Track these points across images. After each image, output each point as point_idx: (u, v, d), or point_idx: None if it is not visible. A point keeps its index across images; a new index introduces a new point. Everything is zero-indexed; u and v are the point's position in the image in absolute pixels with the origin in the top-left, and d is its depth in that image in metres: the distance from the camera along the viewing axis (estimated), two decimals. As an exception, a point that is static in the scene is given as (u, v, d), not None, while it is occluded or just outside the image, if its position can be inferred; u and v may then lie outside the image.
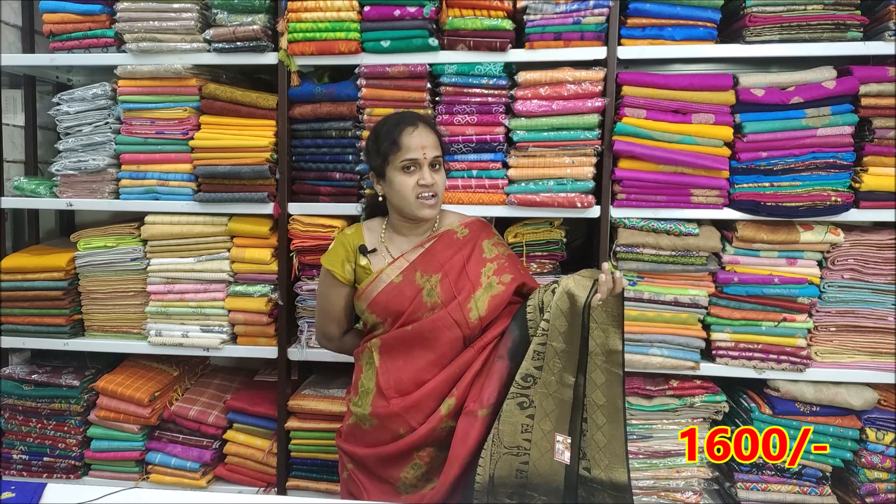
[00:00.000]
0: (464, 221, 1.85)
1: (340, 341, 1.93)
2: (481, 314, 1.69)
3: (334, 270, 1.79)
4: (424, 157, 1.70)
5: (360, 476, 1.77)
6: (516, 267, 1.80)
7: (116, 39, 2.33)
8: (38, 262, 2.39)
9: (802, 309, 2.14)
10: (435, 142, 1.74)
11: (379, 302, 1.74)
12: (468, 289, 1.71)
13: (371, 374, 1.76)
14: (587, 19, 2.10)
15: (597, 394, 1.57)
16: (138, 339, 2.44)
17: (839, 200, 2.07)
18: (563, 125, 2.13)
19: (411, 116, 1.78)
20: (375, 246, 1.80)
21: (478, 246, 1.78)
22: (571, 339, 1.57)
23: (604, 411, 1.57)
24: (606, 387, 1.56)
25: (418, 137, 1.70)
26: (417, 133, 1.71)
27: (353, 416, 1.78)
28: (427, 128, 1.75)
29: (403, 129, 1.71)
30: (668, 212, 2.15)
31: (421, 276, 1.73)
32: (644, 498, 2.24)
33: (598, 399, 1.57)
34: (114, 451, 2.44)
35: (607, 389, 1.56)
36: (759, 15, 2.06)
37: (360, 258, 1.79)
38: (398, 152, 1.70)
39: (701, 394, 2.19)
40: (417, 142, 1.70)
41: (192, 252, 2.35)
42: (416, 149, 1.70)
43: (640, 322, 2.17)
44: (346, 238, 1.83)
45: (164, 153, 2.33)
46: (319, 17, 2.17)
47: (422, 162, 1.70)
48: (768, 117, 2.08)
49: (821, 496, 2.18)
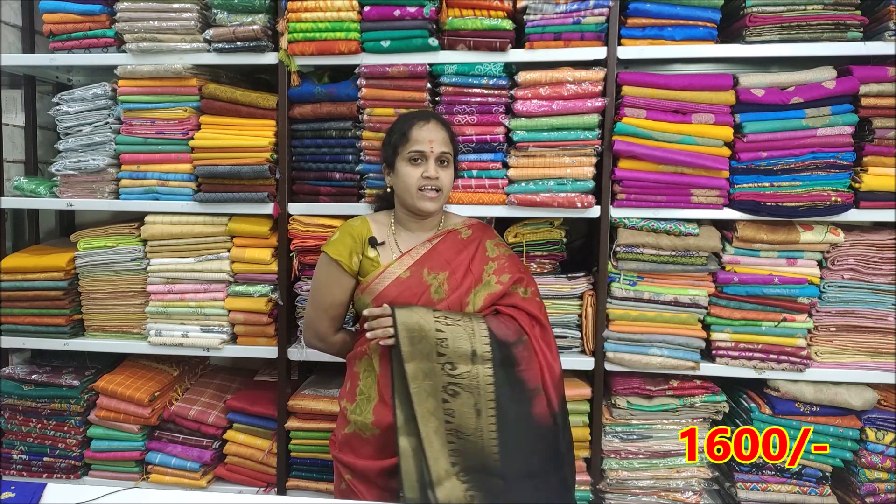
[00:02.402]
0: (467, 223, 1.87)
1: (331, 341, 1.86)
2: (477, 308, 1.72)
3: (341, 260, 1.75)
4: (431, 150, 1.73)
5: (359, 486, 1.72)
6: (516, 266, 1.81)
7: (116, 39, 2.33)
8: (38, 262, 2.39)
9: (802, 309, 2.14)
10: (445, 138, 1.77)
11: (387, 296, 1.72)
12: (470, 283, 1.74)
13: (372, 382, 1.72)
14: (587, 19, 2.10)
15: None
16: (138, 339, 2.44)
17: (839, 200, 2.07)
18: (563, 125, 2.13)
19: (426, 112, 1.84)
20: (384, 238, 1.80)
21: (482, 245, 1.81)
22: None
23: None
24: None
25: (427, 131, 1.75)
26: (427, 127, 1.75)
27: (352, 425, 1.73)
28: (439, 124, 1.79)
29: (415, 123, 1.76)
30: (668, 212, 2.15)
31: (428, 273, 1.74)
32: (644, 498, 2.24)
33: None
34: (114, 451, 2.44)
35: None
36: (759, 15, 2.06)
37: (368, 250, 1.78)
38: (406, 143, 1.74)
39: (701, 394, 2.20)
40: (426, 135, 1.74)
41: (192, 252, 2.35)
42: (424, 142, 1.73)
43: (640, 322, 2.17)
44: (353, 229, 1.80)
45: (164, 153, 2.33)
46: (319, 17, 2.17)
47: (428, 155, 1.73)
48: (768, 117, 2.08)
49: (821, 496, 2.18)
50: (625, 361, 2.19)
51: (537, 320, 1.75)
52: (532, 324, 1.74)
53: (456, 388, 1.61)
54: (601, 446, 2.23)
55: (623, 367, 2.20)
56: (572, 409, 2.23)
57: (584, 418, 2.25)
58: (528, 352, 1.69)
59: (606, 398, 2.27)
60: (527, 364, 1.68)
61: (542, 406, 1.67)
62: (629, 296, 2.18)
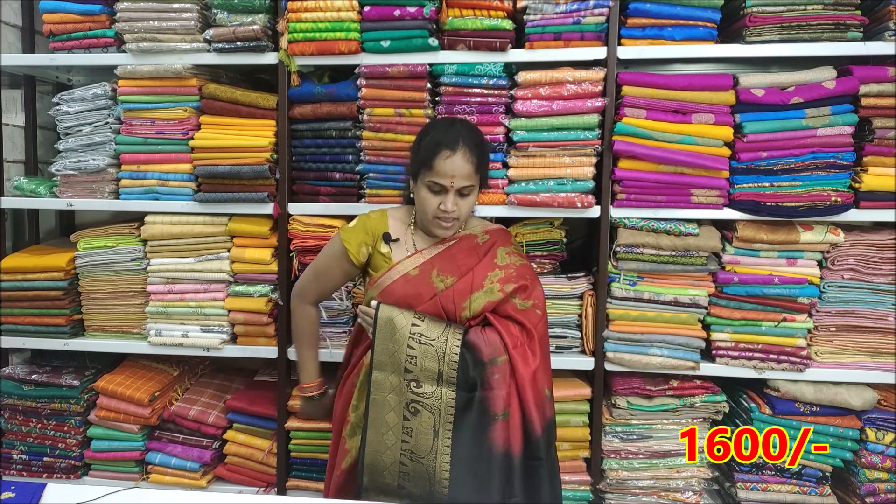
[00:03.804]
0: (486, 228, 1.82)
1: (306, 307, 1.90)
2: (474, 313, 1.69)
3: (350, 248, 1.76)
4: (452, 185, 1.64)
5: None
6: (524, 276, 1.73)
7: (116, 39, 2.33)
8: (38, 262, 2.39)
9: (802, 309, 2.14)
10: (470, 171, 1.65)
11: (392, 292, 1.71)
12: (471, 288, 1.69)
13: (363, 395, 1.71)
14: (587, 19, 2.10)
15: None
16: (138, 339, 2.44)
17: (839, 200, 2.07)
18: (563, 125, 2.13)
19: (454, 137, 1.65)
20: (399, 235, 1.78)
21: (492, 251, 1.76)
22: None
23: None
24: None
25: (451, 164, 1.63)
26: (452, 160, 1.63)
27: (350, 457, 1.71)
28: (466, 153, 1.64)
29: (440, 151, 1.63)
30: (668, 212, 2.15)
31: (437, 274, 1.71)
32: (644, 498, 2.24)
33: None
34: (114, 451, 2.44)
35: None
36: (759, 15, 2.06)
37: (381, 245, 1.77)
38: (428, 172, 1.65)
39: (701, 394, 2.20)
40: (449, 169, 1.63)
41: (192, 252, 2.35)
42: (446, 176, 1.63)
43: (640, 322, 2.17)
44: (370, 222, 1.80)
45: (164, 153, 2.33)
46: (319, 17, 2.17)
47: (448, 188, 1.65)
48: (768, 117, 2.08)
49: (821, 496, 2.18)
50: (625, 361, 2.19)
51: (530, 335, 1.68)
52: (522, 339, 1.67)
53: (418, 407, 1.61)
54: (601, 446, 2.23)
55: (623, 367, 2.20)
56: (572, 409, 2.24)
57: (584, 418, 2.24)
58: (499, 373, 1.62)
59: (606, 398, 2.27)
60: (497, 386, 1.61)
61: (504, 432, 1.60)
62: (629, 296, 2.18)
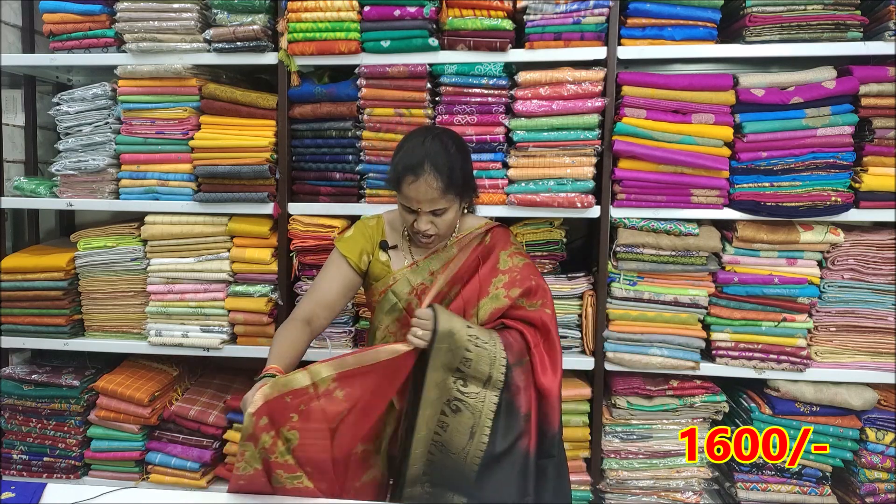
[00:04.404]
0: (486, 227, 1.79)
1: (294, 321, 1.67)
2: (481, 321, 1.68)
3: (350, 258, 1.73)
4: (420, 209, 1.61)
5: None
6: (528, 278, 1.71)
7: (116, 39, 2.33)
8: (38, 262, 2.39)
9: (802, 309, 2.14)
10: (435, 196, 1.58)
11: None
12: (477, 296, 1.69)
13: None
14: (587, 19, 2.10)
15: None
16: (138, 339, 2.44)
17: (839, 200, 2.07)
18: (563, 125, 2.13)
19: (419, 160, 1.57)
20: (397, 242, 1.77)
21: (494, 255, 1.73)
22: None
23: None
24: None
25: (414, 191, 1.58)
26: (415, 187, 1.57)
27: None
28: (429, 178, 1.56)
29: (404, 177, 1.58)
30: (668, 212, 2.15)
31: (440, 283, 1.70)
32: (644, 498, 2.24)
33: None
34: (114, 451, 2.44)
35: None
36: (759, 15, 2.06)
37: (379, 253, 1.75)
38: (398, 194, 1.64)
39: (701, 394, 2.20)
40: (413, 195, 1.59)
41: (192, 252, 2.35)
42: (412, 201, 1.60)
43: (640, 322, 2.17)
44: (367, 229, 1.78)
45: (164, 153, 2.33)
46: (319, 17, 2.17)
47: (419, 211, 1.62)
48: (768, 117, 2.08)
49: (821, 496, 2.18)
50: (625, 361, 2.19)
51: (545, 333, 1.68)
52: (537, 339, 1.67)
53: (460, 406, 1.59)
54: (601, 446, 2.23)
55: (623, 367, 2.20)
56: (572, 409, 2.24)
57: (584, 418, 2.24)
58: (525, 374, 1.63)
59: (606, 398, 2.27)
60: (524, 387, 1.63)
61: (527, 432, 1.62)
62: (629, 296, 2.18)
